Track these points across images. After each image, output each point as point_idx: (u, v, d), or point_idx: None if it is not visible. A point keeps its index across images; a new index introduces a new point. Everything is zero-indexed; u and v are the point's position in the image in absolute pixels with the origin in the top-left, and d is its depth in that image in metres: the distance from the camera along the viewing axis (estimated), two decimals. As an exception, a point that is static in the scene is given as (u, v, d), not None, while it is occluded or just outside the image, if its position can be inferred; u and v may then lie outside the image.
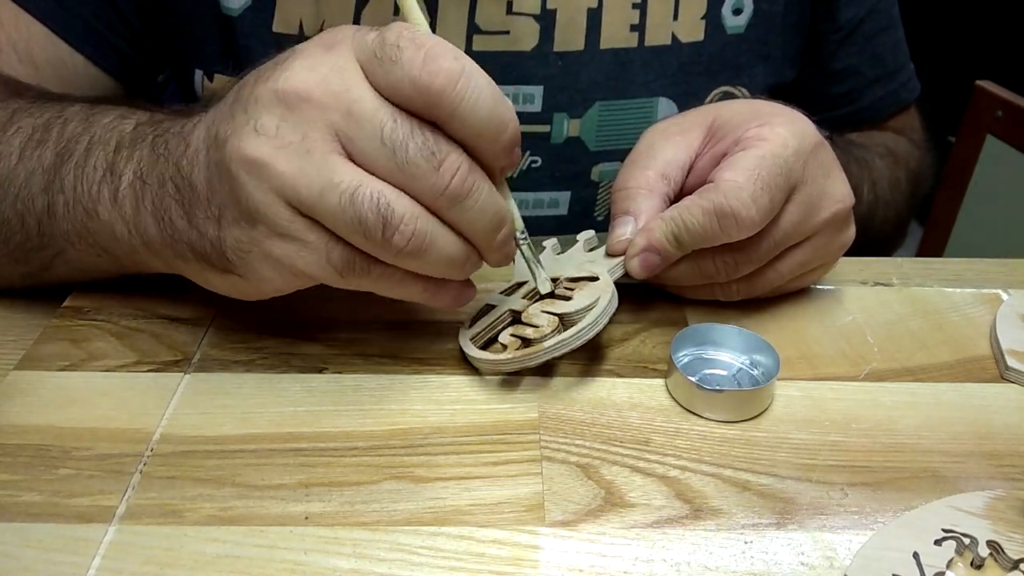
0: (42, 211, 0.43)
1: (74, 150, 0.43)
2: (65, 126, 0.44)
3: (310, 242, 0.36)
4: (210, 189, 0.37)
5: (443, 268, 0.37)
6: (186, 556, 0.33)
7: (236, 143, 0.35)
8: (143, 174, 0.40)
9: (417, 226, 0.35)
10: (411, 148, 0.34)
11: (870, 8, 0.68)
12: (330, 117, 0.34)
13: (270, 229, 0.36)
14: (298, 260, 0.36)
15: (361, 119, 0.34)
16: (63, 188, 0.42)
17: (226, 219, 0.37)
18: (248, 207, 0.36)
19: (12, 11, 0.55)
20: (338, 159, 0.35)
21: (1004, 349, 0.45)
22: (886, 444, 0.40)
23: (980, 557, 0.33)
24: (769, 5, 0.63)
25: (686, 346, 0.44)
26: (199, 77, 0.61)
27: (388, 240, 0.35)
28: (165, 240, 0.40)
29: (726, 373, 0.44)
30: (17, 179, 0.44)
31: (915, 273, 0.54)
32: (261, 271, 0.38)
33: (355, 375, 0.43)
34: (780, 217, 0.44)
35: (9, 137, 0.45)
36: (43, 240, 0.44)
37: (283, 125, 0.35)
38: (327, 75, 0.35)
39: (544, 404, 0.41)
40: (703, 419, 0.41)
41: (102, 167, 0.42)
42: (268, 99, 0.35)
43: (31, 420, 0.39)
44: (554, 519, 0.35)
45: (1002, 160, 1.07)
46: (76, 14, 0.57)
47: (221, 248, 0.38)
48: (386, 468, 0.37)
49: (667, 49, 0.61)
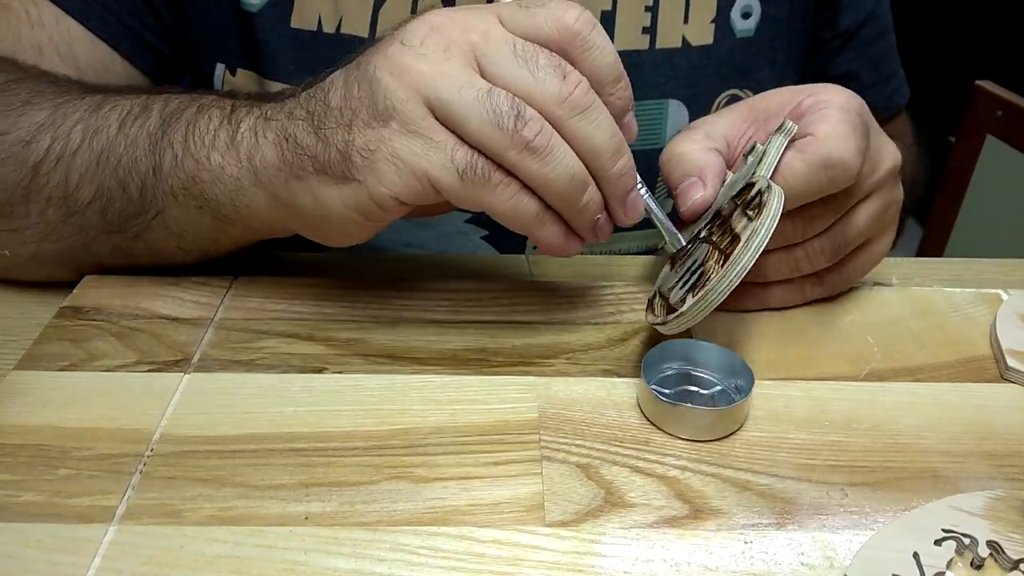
0: (147, 171, 0.45)
1: (182, 113, 0.45)
2: (168, 101, 0.46)
3: (439, 141, 0.38)
4: (346, 100, 0.40)
5: (563, 181, 0.39)
6: (186, 556, 0.33)
7: (383, 53, 0.39)
8: (268, 114, 0.43)
9: (545, 127, 0.38)
10: (541, 59, 0.38)
11: (868, 14, 0.69)
12: (470, 38, 0.39)
13: (402, 126, 0.38)
14: (423, 159, 0.38)
15: (498, 40, 0.39)
16: (172, 143, 0.44)
17: (358, 122, 0.39)
18: (385, 105, 0.38)
19: (53, 12, 0.56)
20: (473, 71, 0.38)
21: (1004, 349, 0.45)
22: (886, 444, 0.40)
23: (980, 557, 0.33)
24: (776, 9, 0.64)
25: (669, 360, 0.43)
26: (220, 71, 0.61)
27: (519, 131, 0.37)
28: (284, 161, 0.41)
29: (705, 392, 0.43)
30: (117, 148, 0.45)
31: (915, 273, 0.54)
32: (384, 172, 0.39)
33: (355, 375, 0.43)
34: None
35: (106, 113, 0.46)
36: (144, 203, 0.45)
37: (427, 40, 0.39)
38: (468, 13, 0.40)
39: (544, 404, 0.41)
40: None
41: (217, 119, 0.44)
42: (415, 25, 0.39)
43: (31, 420, 0.39)
44: (554, 519, 0.35)
45: (1002, 160, 1.07)
46: (113, 13, 0.57)
47: (347, 151, 0.39)
48: (386, 468, 0.37)
49: (677, 52, 0.61)
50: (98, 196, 0.46)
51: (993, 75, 1.11)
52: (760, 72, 0.64)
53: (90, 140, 0.45)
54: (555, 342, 0.46)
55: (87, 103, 0.47)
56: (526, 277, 0.52)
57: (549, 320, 0.48)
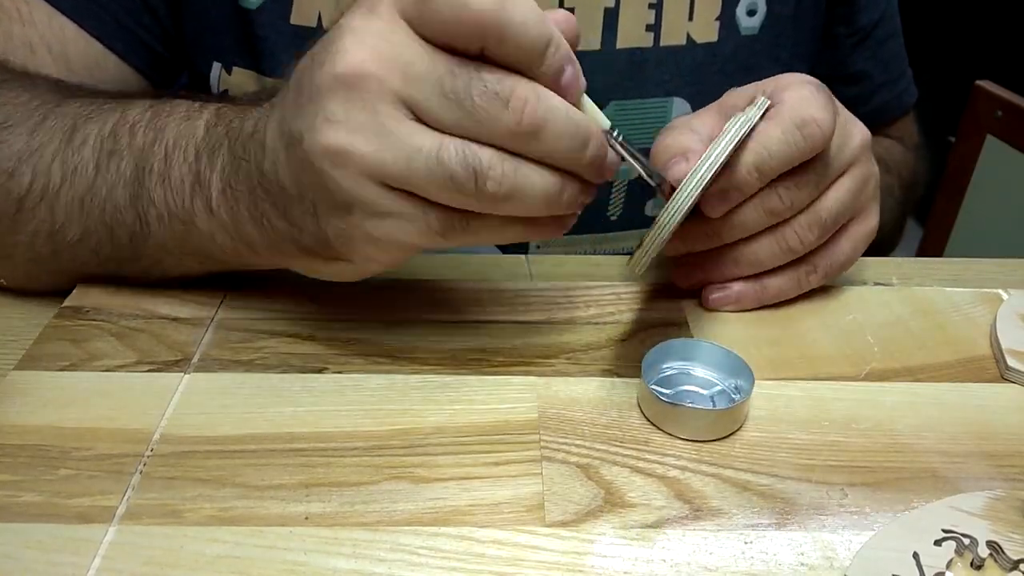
0: (133, 224, 0.44)
1: (151, 160, 0.43)
2: (134, 134, 0.44)
3: (407, 213, 0.37)
4: (299, 186, 0.38)
5: (542, 205, 0.37)
6: (186, 556, 0.33)
7: (312, 138, 0.36)
8: (231, 183, 0.41)
9: (505, 168, 0.35)
10: (475, 94, 0.34)
11: (881, 14, 0.70)
12: (390, 86, 0.35)
13: (366, 211, 0.37)
14: (400, 234, 0.37)
15: (419, 80, 0.35)
16: (153, 202, 0.43)
17: (322, 211, 0.38)
18: (340, 196, 0.37)
19: (45, 10, 0.55)
20: (412, 125, 0.35)
21: (1004, 349, 0.45)
22: (886, 444, 0.40)
23: (980, 557, 0.33)
24: (782, 7, 0.64)
25: (670, 360, 0.43)
26: (217, 70, 0.61)
27: (482, 190, 0.35)
28: (268, 241, 0.41)
29: (705, 392, 0.43)
30: (99, 193, 0.44)
31: (915, 273, 0.54)
32: (367, 252, 0.39)
33: (355, 375, 0.43)
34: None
35: (78, 147, 0.45)
36: (136, 251, 0.45)
37: (350, 108, 0.35)
38: (376, 44, 0.35)
39: (544, 404, 0.41)
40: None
41: (188, 178, 0.42)
42: (329, 85, 0.35)
43: (31, 420, 0.39)
44: (554, 519, 0.35)
45: (1002, 160, 1.07)
46: (108, 11, 0.57)
47: (324, 239, 0.39)
48: (386, 468, 0.37)
49: (682, 49, 0.61)
50: (86, 237, 0.45)
51: (993, 75, 1.11)
52: (765, 70, 0.64)
53: (71, 179, 0.44)
54: (555, 342, 0.46)
55: (61, 126, 0.45)
56: (526, 277, 0.52)
57: (549, 320, 0.48)
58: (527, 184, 0.36)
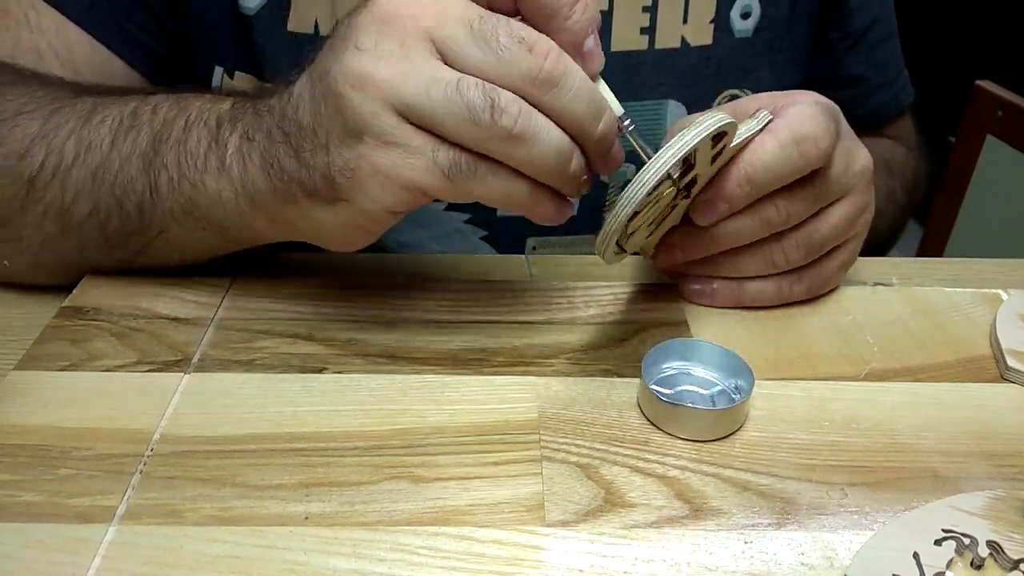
0: (143, 192, 0.44)
1: (171, 131, 0.44)
2: (156, 112, 0.45)
3: (416, 146, 0.37)
4: (316, 119, 0.39)
5: (550, 160, 0.38)
6: (186, 556, 0.33)
7: (339, 65, 0.37)
8: (249, 134, 0.42)
9: (522, 108, 0.37)
10: (502, 35, 0.36)
11: (875, 17, 0.70)
12: (423, 24, 0.37)
13: (376, 139, 0.37)
14: (405, 168, 0.37)
15: (451, 20, 0.37)
16: (166, 165, 0.44)
17: (333, 142, 0.38)
18: (355, 121, 0.37)
19: (53, 18, 0.56)
20: (436, 61, 0.37)
21: (1004, 349, 0.45)
22: (886, 444, 0.40)
23: (980, 557, 0.33)
24: (776, 10, 0.64)
25: (670, 360, 0.43)
26: (219, 74, 0.61)
27: (496, 122, 0.36)
28: (274, 187, 0.41)
29: (705, 392, 0.43)
30: (112, 165, 0.45)
31: (915, 273, 0.54)
32: (370, 189, 0.38)
33: (355, 375, 0.43)
34: (828, 162, 0.45)
35: (97, 125, 0.46)
36: (143, 222, 0.45)
37: (380, 39, 0.37)
38: None
39: (544, 404, 0.41)
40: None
41: (206, 140, 0.43)
42: (364, 21, 0.37)
43: (31, 420, 0.39)
44: (554, 519, 0.35)
45: (1002, 160, 1.07)
46: (111, 17, 0.57)
47: (330, 174, 0.39)
48: (386, 468, 0.37)
49: (676, 52, 0.61)
50: (95, 212, 0.45)
51: (993, 75, 1.11)
52: (759, 72, 0.64)
53: (84, 155, 0.45)
54: (555, 342, 0.46)
55: (78, 111, 0.47)
56: (526, 277, 0.52)
57: (549, 320, 0.48)
58: (541, 131, 0.37)
